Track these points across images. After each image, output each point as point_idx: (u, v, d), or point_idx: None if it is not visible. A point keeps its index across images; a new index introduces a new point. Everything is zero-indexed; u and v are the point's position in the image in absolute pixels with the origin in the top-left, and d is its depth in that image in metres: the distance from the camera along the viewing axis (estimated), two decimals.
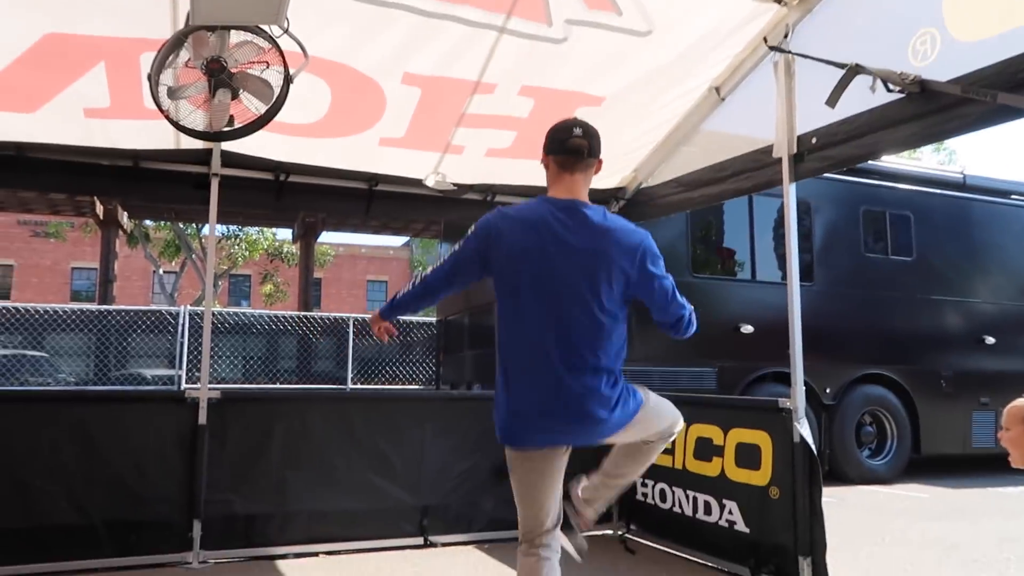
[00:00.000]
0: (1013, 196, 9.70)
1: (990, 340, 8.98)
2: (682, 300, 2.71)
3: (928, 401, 8.46)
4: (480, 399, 5.93)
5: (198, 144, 4.39)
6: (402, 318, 3.26)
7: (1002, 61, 2.98)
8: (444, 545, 4.73)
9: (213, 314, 13.62)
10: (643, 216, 5.48)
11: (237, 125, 3.41)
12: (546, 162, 2.62)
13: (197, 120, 3.41)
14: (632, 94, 4.36)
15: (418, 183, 4.93)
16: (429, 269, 2.68)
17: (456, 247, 2.62)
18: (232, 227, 22.16)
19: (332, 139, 4.49)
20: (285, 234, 22.48)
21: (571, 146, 2.54)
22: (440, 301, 9.96)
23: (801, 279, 8.26)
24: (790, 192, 3.97)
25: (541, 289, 2.44)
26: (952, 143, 25.48)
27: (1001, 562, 4.61)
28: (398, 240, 37.17)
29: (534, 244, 2.47)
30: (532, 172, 5.02)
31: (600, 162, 2.61)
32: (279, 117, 3.51)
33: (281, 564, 4.31)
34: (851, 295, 8.45)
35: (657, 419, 2.69)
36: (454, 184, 4.95)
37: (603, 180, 5.27)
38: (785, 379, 3.89)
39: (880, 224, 8.71)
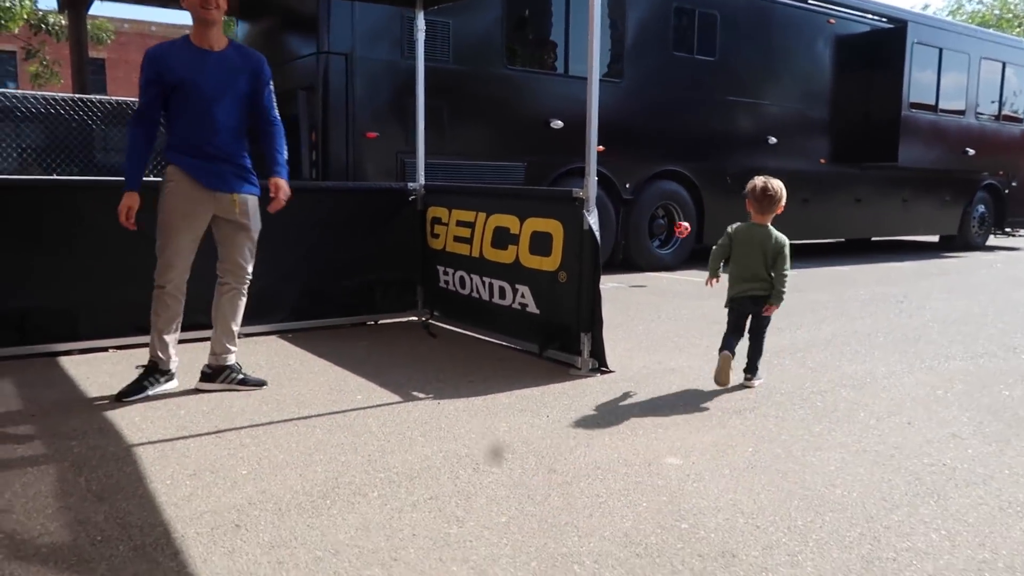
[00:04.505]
0: (811, 1, 10.19)
1: (772, 140, 9.79)
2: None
3: (714, 197, 9.24)
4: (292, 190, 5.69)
5: None
6: None
7: None
8: (246, 336, 4.68)
9: None
10: None
11: None
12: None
13: None
14: None
15: None
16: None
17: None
18: None
19: None
20: (50, 2, 19.20)
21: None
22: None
23: (611, 76, 8.46)
24: None
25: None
26: None
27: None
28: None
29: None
30: None
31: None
32: None
33: (65, 360, 4.11)
34: (658, 94, 8.74)
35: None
36: None
37: None
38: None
39: (689, 23, 8.88)
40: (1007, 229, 13.68)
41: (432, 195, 5.31)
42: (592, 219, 3.98)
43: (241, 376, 3.69)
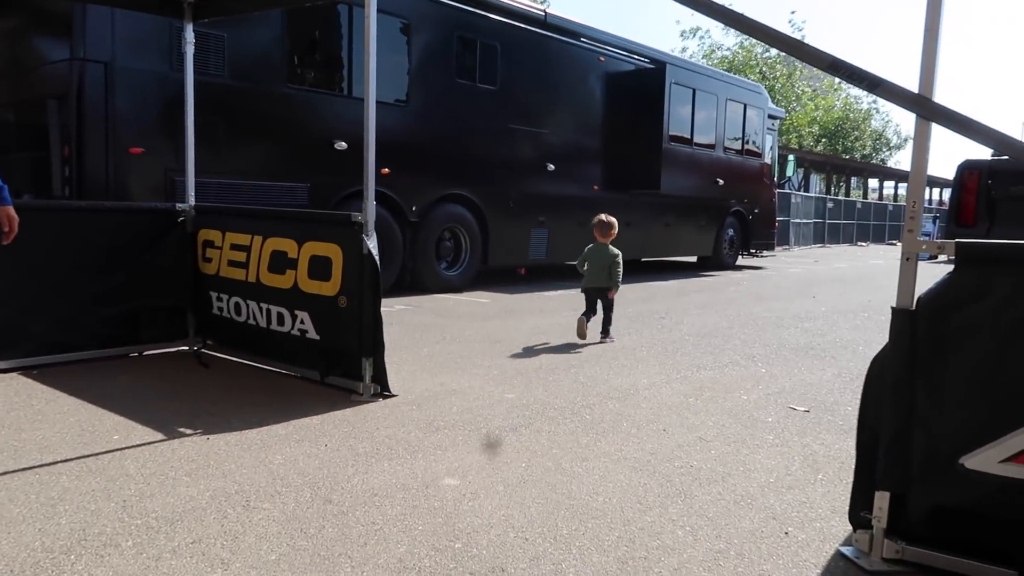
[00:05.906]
0: (583, 39, 10.95)
1: (551, 167, 10.36)
2: None
3: (498, 219, 9.58)
4: (30, 209, 5.10)
5: None
6: None
7: None
8: None
9: None
10: (220, 12, 5.02)
11: None
12: None
13: None
14: None
15: None
16: None
17: None
18: None
19: None
20: None
21: None
22: None
23: (396, 99, 8.50)
24: (372, 4, 3.91)
25: None
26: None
27: (528, 348, 5.59)
28: None
29: None
30: None
31: None
32: None
33: None
34: (442, 119, 8.92)
35: None
36: None
37: None
38: (378, 197, 4.05)
39: (471, 52, 9.17)
40: (752, 250, 15.50)
41: (204, 216, 5.02)
42: (371, 243, 3.98)
43: None
